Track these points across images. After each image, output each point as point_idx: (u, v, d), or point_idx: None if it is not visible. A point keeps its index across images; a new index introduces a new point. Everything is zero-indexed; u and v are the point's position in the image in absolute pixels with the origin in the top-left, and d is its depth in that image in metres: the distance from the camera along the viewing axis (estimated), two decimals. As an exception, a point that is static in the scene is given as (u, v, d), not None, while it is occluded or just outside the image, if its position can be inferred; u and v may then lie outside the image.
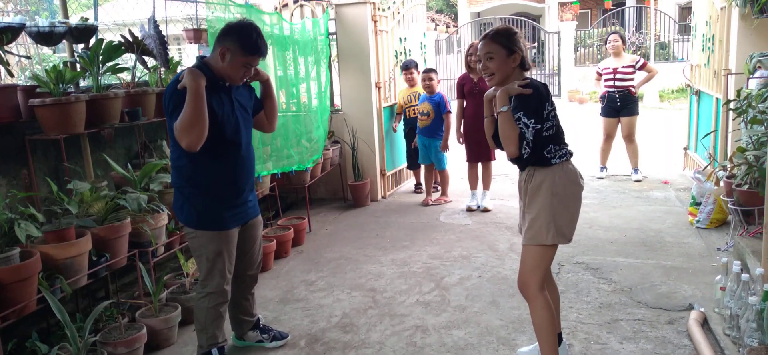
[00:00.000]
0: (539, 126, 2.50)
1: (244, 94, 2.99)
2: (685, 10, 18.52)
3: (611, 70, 6.58)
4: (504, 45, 2.55)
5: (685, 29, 16.66)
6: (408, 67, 6.50)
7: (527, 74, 2.64)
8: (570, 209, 2.61)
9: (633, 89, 6.56)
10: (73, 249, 2.93)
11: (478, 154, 5.81)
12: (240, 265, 3.10)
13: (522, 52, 2.58)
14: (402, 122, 6.74)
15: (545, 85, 2.60)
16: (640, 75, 6.67)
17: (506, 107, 2.53)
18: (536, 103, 2.50)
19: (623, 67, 6.55)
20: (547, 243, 2.57)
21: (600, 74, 6.76)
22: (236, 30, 2.75)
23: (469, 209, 5.85)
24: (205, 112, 2.61)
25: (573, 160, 2.67)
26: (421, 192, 6.73)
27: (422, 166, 6.51)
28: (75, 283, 2.97)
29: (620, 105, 6.58)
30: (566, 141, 2.66)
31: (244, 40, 2.73)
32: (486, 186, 5.94)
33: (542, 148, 2.54)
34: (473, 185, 5.97)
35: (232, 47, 2.72)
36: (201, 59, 2.85)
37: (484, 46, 2.59)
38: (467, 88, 5.70)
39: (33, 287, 2.72)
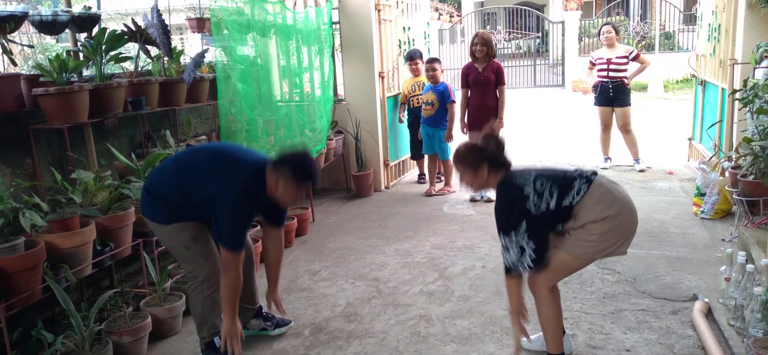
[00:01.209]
0: (522, 233, 2.49)
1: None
2: (691, 0, 18.39)
3: (605, 61, 6.58)
4: (468, 165, 2.67)
5: (690, 19, 16.56)
6: (412, 57, 6.47)
7: (499, 176, 2.64)
8: (625, 229, 2.53)
9: (626, 81, 6.55)
10: (77, 238, 2.93)
11: None
12: None
13: (487, 160, 2.62)
14: (406, 112, 6.73)
15: (516, 185, 2.56)
16: (632, 66, 6.65)
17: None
18: (513, 213, 2.53)
19: (617, 58, 6.54)
20: (585, 258, 2.59)
21: (593, 64, 6.77)
22: (291, 162, 2.79)
23: (473, 200, 5.83)
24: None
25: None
26: (424, 182, 6.72)
27: (426, 157, 6.50)
28: (80, 272, 2.97)
29: (613, 96, 6.58)
30: (574, 176, 2.55)
31: (297, 172, 2.78)
32: None
33: (560, 209, 2.51)
34: None
35: (285, 178, 2.77)
36: (264, 172, 2.82)
37: (456, 168, 2.76)
38: (471, 78, 5.68)
39: (38, 276, 2.73)
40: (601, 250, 2.52)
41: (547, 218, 2.51)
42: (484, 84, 5.60)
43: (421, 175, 6.89)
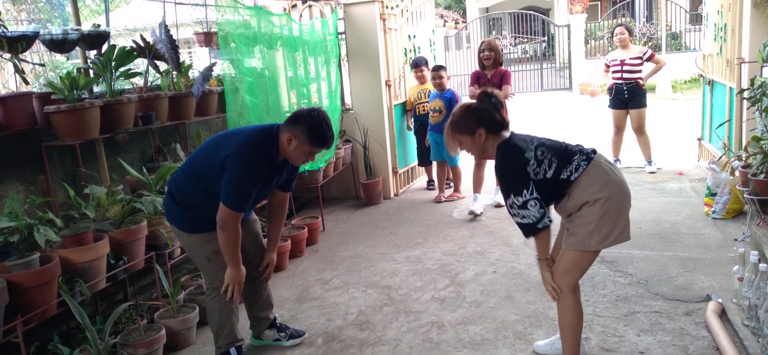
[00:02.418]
0: (532, 188, 2.44)
1: (288, 169, 3.03)
2: (697, 0, 18.34)
3: (619, 62, 6.55)
4: (463, 130, 2.57)
5: (696, 19, 16.50)
6: (418, 64, 6.49)
7: (498, 139, 2.57)
8: (617, 211, 2.50)
9: (641, 81, 6.52)
10: (91, 253, 2.97)
11: None
12: (246, 263, 3.10)
13: (484, 122, 2.53)
14: (412, 119, 6.73)
15: (515, 146, 2.52)
16: (647, 67, 6.62)
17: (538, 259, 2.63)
18: (518, 174, 2.47)
19: (631, 58, 6.51)
20: (591, 249, 2.51)
21: (608, 66, 6.73)
22: (307, 120, 2.78)
23: (473, 214, 5.49)
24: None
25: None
26: (433, 189, 6.72)
27: (434, 163, 6.51)
28: (94, 286, 3.01)
29: (628, 97, 6.54)
30: (574, 152, 2.52)
31: (312, 132, 2.77)
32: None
33: (559, 180, 2.48)
34: (478, 188, 5.70)
35: (300, 136, 2.76)
36: (276, 133, 2.83)
37: (451, 139, 2.63)
38: (482, 83, 5.70)
39: (53, 291, 2.77)
40: (604, 236, 2.47)
41: (543, 187, 2.47)
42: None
43: (430, 182, 6.89)
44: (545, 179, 2.47)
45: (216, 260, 2.93)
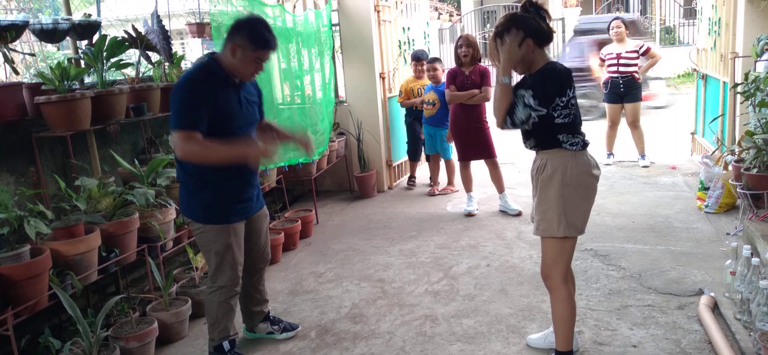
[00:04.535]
0: (544, 111, 2.47)
1: (251, 91, 2.99)
2: (690, -6, 18.37)
3: (615, 56, 6.53)
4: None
5: (690, 13, 16.54)
6: (419, 58, 6.30)
7: (545, 55, 2.57)
8: (583, 200, 2.56)
9: (637, 75, 6.52)
10: (82, 245, 2.94)
11: (474, 151, 5.43)
12: (250, 258, 3.10)
13: (532, 33, 2.48)
14: (405, 112, 6.66)
15: (568, 72, 2.53)
16: (643, 61, 6.62)
17: (507, 79, 2.52)
18: (550, 88, 2.45)
19: (627, 52, 6.49)
20: (558, 236, 2.54)
21: (603, 60, 6.71)
22: (245, 25, 2.75)
23: (470, 215, 5.38)
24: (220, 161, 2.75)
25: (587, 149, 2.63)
26: (413, 186, 6.62)
27: (421, 159, 6.47)
28: (85, 279, 2.98)
29: (624, 91, 6.53)
30: (582, 131, 2.60)
31: (253, 35, 2.73)
32: (500, 188, 5.39)
33: (556, 134, 2.51)
34: (468, 187, 5.53)
35: (243, 43, 2.71)
36: (211, 56, 2.85)
37: (496, 49, 2.56)
38: (458, 82, 5.34)
39: (44, 284, 2.74)
40: (572, 212, 2.52)
41: (545, 122, 2.50)
42: (471, 88, 5.37)
43: (411, 178, 6.72)
44: (553, 120, 2.49)
45: (225, 256, 2.90)
